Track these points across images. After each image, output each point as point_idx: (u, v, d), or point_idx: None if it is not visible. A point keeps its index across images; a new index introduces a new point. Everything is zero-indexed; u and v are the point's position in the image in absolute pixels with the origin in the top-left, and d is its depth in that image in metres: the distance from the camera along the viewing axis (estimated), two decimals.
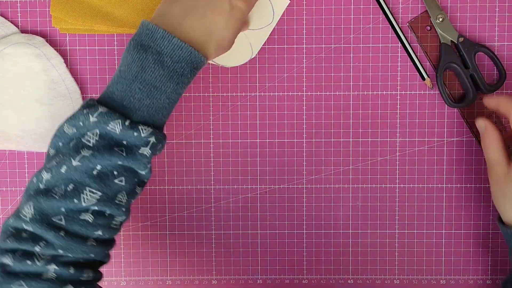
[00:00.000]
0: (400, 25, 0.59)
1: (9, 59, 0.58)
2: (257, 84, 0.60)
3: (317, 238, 0.61)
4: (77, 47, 0.60)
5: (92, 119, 0.44)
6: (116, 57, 0.60)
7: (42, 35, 0.59)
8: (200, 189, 0.61)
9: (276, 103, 0.60)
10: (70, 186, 0.44)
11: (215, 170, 0.61)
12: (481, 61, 0.59)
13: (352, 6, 0.59)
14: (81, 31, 0.59)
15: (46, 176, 0.45)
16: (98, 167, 0.44)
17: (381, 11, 0.59)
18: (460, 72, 0.56)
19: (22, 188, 0.61)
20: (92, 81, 0.60)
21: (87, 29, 0.59)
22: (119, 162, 0.44)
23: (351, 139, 0.60)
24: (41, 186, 0.45)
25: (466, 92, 0.57)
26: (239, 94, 0.60)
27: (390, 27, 0.59)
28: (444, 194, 0.60)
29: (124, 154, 0.44)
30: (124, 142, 0.45)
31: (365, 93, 0.60)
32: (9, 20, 0.59)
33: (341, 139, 0.60)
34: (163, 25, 0.46)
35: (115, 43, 0.60)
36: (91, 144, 0.44)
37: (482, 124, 0.54)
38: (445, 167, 0.60)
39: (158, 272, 0.61)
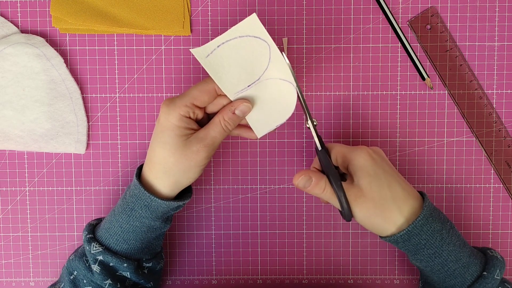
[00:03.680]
0: (400, 25, 0.59)
1: (9, 59, 0.58)
2: None
3: (317, 238, 0.61)
4: (77, 47, 0.60)
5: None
6: (116, 57, 0.60)
7: (42, 35, 0.59)
8: (200, 189, 0.61)
9: None
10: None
11: (215, 170, 0.61)
12: (481, 61, 0.59)
13: (352, 6, 0.59)
14: (81, 31, 0.59)
15: None
16: (75, 273, 0.54)
17: (381, 11, 0.59)
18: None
19: (22, 188, 0.61)
20: (92, 81, 0.60)
21: (87, 29, 0.59)
22: (83, 272, 0.53)
23: (351, 139, 0.60)
24: None
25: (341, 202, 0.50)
26: None
27: (390, 27, 0.59)
28: (444, 194, 0.60)
29: (86, 264, 0.53)
30: (86, 254, 0.53)
31: (365, 93, 0.60)
32: (9, 20, 0.59)
33: (341, 139, 0.60)
34: (145, 166, 0.53)
35: (115, 43, 0.60)
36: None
37: (303, 181, 0.50)
38: (445, 167, 0.60)
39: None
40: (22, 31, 0.59)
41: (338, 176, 0.50)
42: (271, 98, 0.51)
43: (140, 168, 0.54)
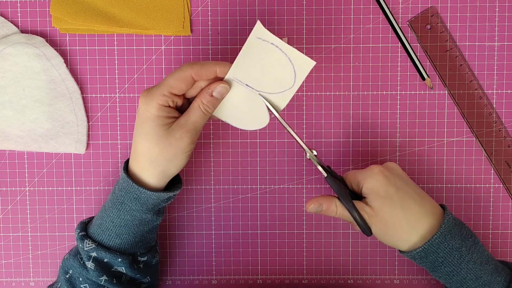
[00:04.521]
0: (400, 25, 0.59)
1: (9, 59, 0.58)
2: None
3: (317, 238, 0.61)
4: (77, 47, 0.60)
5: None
6: (116, 57, 0.60)
7: (42, 35, 0.59)
8: (200, 189, 0.61)
9: None
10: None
11: (215, 170, 0.61)
12: (481, 61, 0.59)
13: (352, 6, 0.59)
14: (81, 31, 0.59)
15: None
16: (70, 271, 0.53)
17: (381, 11, 0.59)
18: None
19: (22, 188, 0.61)
20: (92, 81, 0.60)
21: (87, 29, 0.59)
22: (78, 270, 0.53)
23: (351, 139, 0.60)
24: None
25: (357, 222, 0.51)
26: None
27: (390, 27, 0.59)
28: (444, 194, 0.60)
29: (81, 262, 0.52)
30: (80, 252, 0.53)
31: (365, 93, 0.60)
32: (9, 20, 0.59)
33: (341, 139, 0.60)
34: (131, 159, 0.52)
35: (115, 43, 0.60)
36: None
37: (314, 208, 0.52)
38: (445, 167, 0.60)
39: (159, 272, 0.61)
40: (22, 31, 0.59)
41: (349, 198, 0.51)
42: (245, 109, 0.52)
43: (127, 162, 0.54)
